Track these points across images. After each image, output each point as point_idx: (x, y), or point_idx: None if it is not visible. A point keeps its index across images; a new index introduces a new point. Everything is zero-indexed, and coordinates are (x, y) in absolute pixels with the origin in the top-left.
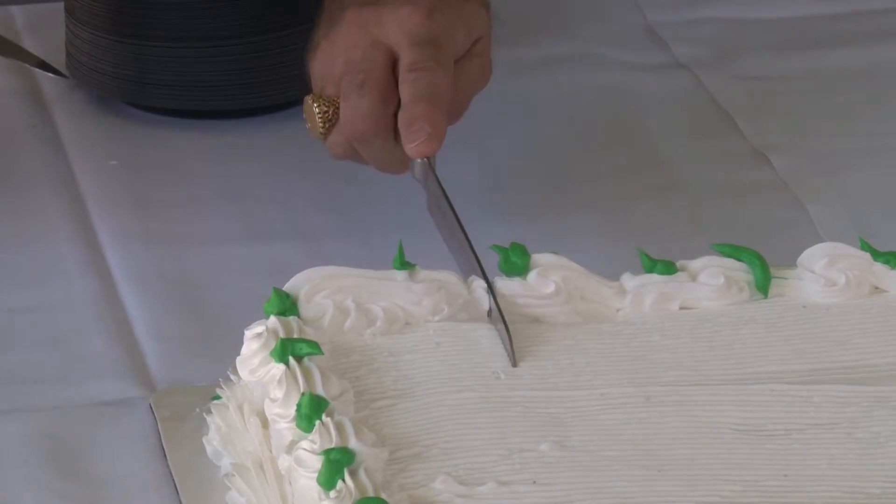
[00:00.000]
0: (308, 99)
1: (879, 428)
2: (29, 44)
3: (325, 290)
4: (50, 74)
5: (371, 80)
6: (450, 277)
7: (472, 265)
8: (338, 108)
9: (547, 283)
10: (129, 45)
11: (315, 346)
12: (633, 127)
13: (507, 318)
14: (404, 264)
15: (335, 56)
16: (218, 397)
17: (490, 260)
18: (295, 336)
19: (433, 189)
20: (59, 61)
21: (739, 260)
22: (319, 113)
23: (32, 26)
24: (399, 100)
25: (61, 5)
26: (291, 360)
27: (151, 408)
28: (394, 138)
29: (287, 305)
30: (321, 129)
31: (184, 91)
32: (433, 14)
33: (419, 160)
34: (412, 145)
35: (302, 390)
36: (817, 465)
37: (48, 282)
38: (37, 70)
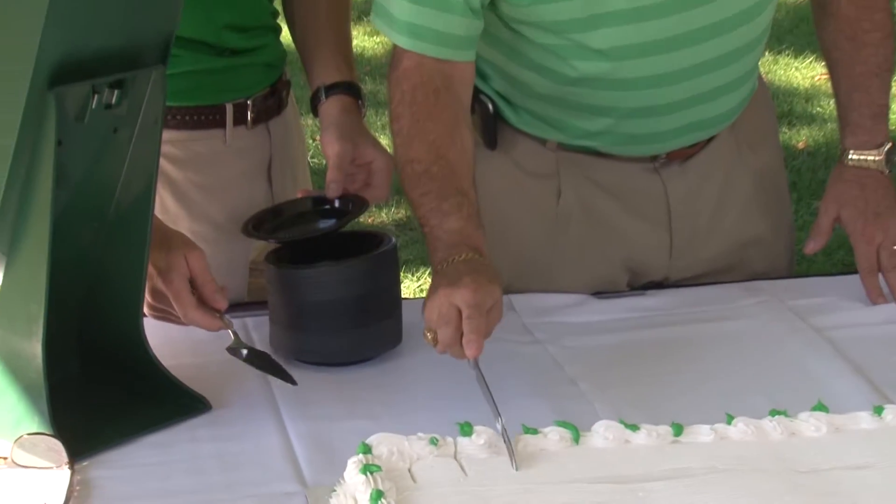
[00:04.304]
0: (426, 333)
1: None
2: (255, 337)
3: (384, 443)
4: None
5: (451, 323)
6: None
7: (492, 405)
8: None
9: (481, 438)
10: (295, 334)
11: (378, 468)
12: (515, 373)
13: (468, 456)
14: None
15: (434, 308)
16: (334, 490)
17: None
18: (370, 463)
19: (477, 370)
20: (265, 340)
21: (567, 429)
22: (431, 338)
23: (257, 327)
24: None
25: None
26: (368, 473)
27: (306, 497)
28: (460, 346)
29: (368, 449)
30: (433, 344)
31: (325, 354)
32: (477, 291)
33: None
34: (468, 352)
35: (372, 487)
36: None
37: (252, 438)
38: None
